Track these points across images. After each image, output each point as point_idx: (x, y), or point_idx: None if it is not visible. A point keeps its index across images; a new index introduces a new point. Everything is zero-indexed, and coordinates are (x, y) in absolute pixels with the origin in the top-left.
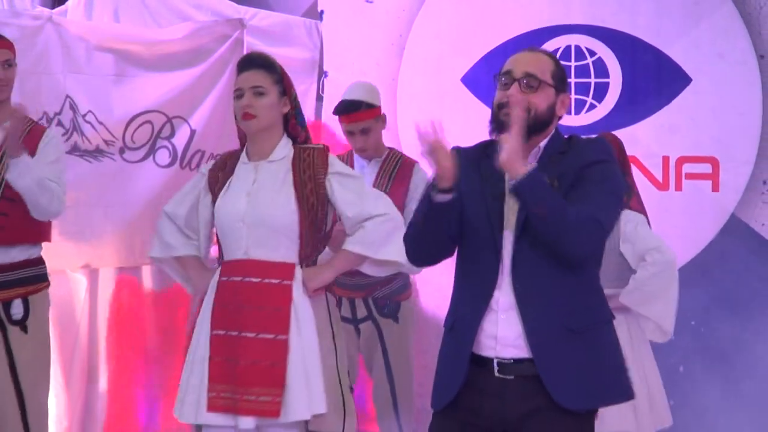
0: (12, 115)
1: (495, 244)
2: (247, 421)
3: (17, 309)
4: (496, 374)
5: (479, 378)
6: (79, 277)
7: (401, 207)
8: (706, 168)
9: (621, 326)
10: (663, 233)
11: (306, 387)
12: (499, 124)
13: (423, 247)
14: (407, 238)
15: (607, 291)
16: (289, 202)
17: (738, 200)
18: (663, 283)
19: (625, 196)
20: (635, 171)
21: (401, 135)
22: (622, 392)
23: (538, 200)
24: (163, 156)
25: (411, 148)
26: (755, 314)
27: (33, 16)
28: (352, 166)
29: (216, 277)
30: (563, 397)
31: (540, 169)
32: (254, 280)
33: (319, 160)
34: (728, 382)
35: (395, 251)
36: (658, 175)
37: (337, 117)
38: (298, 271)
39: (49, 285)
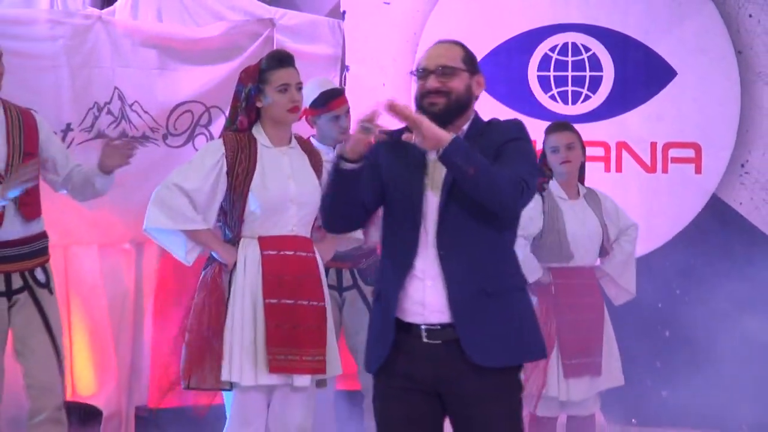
0: (112, 145)
1: (416, 217)
2: (304, 379)
3: (40, 275)
4: (424, 340)
5: (409, 344)
6: (127, 250)
7: None
8: (690, 153)
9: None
10: (650, 212)
11: (334, 346)
12: (423, 112)
13: (336, 213)
14: (323, 207)
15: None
16: (317, 185)
17: (718, 182)
18: (633, 254)
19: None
20: (626, 157)
21: None
22: (536, 351)
23: (466, 161)
24: (201, 142)
25: None
26: (734, 284)
27: (84, 16)
28: None
29: (255, 250)
30: (480, 356)
31: None
32: (302, 254)
33: (315, 150)
34: (708, 343)
35: None
36: (647, 159)
37: (318, 109)
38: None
39: None
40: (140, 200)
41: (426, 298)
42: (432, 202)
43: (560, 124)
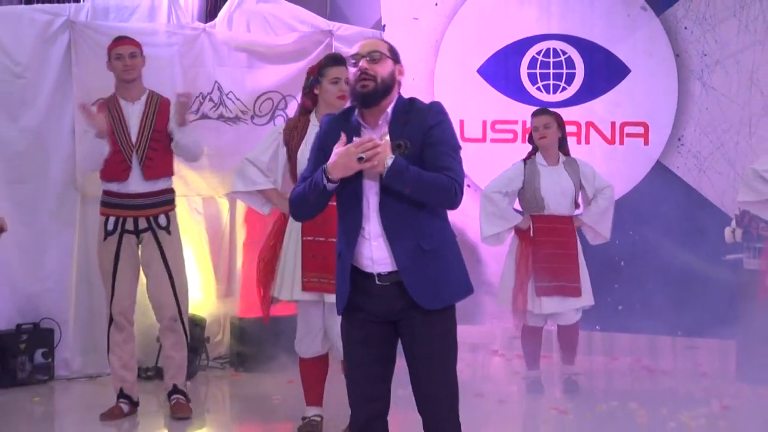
0: (179, 99)
1: (357, 193)
2: (332, 297)
3: (162, 220)
4: (377, 282)
5: (367, 286)
6: (223, 201)
7: None
8: (640, 130)
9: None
10: (611, 174)
11: None
12: (356, 94)
13: (308, 213)
14: (294, 205)
15: (571, 212)
16: None
17: (661, 151)
18: (610, 208)
19: None
20: (593, 133)
21: None
22: (464, 291)
23: (402, 184)
24: (279, 121)
25: None
26: (671, 226)
27: (192, 28)
28: None
29: None
30: (423, 301)
31: (392, 131)
32: (332, 203)
33: None
34: (652, 269)
35: None
36: (608, 134)
37: None
38: None
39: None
40: (233, 164)
41: (373, 255)
42: (371, 183)
43: (539, 110)
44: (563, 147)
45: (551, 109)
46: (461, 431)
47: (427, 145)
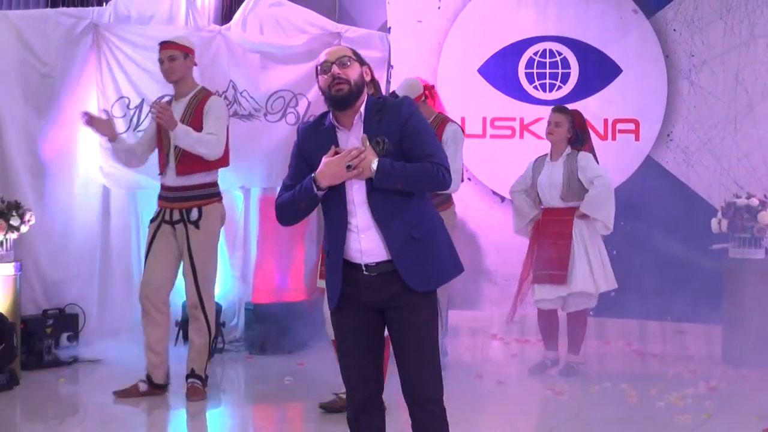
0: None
1: (340, 191)
2: None
3: (194, 214)
4: (365, 273)
5: (355, 277)
6: (238, 194)
7: None
8: (631, 126)
9: (581, 227)
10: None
11: None
12: (332, 98)
13: (296, 218)
14: (283, 211)
15: (574, 203)
16: None
17: (651, 146)
18: (605, 196)
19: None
20: None
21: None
22: (454, 270)
23: (393, 182)
24: (291, 118)
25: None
26: (661, 217)
27: (209, 30)
28: None
29: None
30: (418, 285)
31: (367, 130)
32: None
33: None
34: (643, 259)
35: None
36: (601, 130)
37: None
38: None
39: (220, 200)
40: (247, 158)
41: (362, 246)
42: (357, 183)
43: (555, 107)
44: (577, 144)
45: (571, 108)
46: (445, 409)
47: (405, 137)
